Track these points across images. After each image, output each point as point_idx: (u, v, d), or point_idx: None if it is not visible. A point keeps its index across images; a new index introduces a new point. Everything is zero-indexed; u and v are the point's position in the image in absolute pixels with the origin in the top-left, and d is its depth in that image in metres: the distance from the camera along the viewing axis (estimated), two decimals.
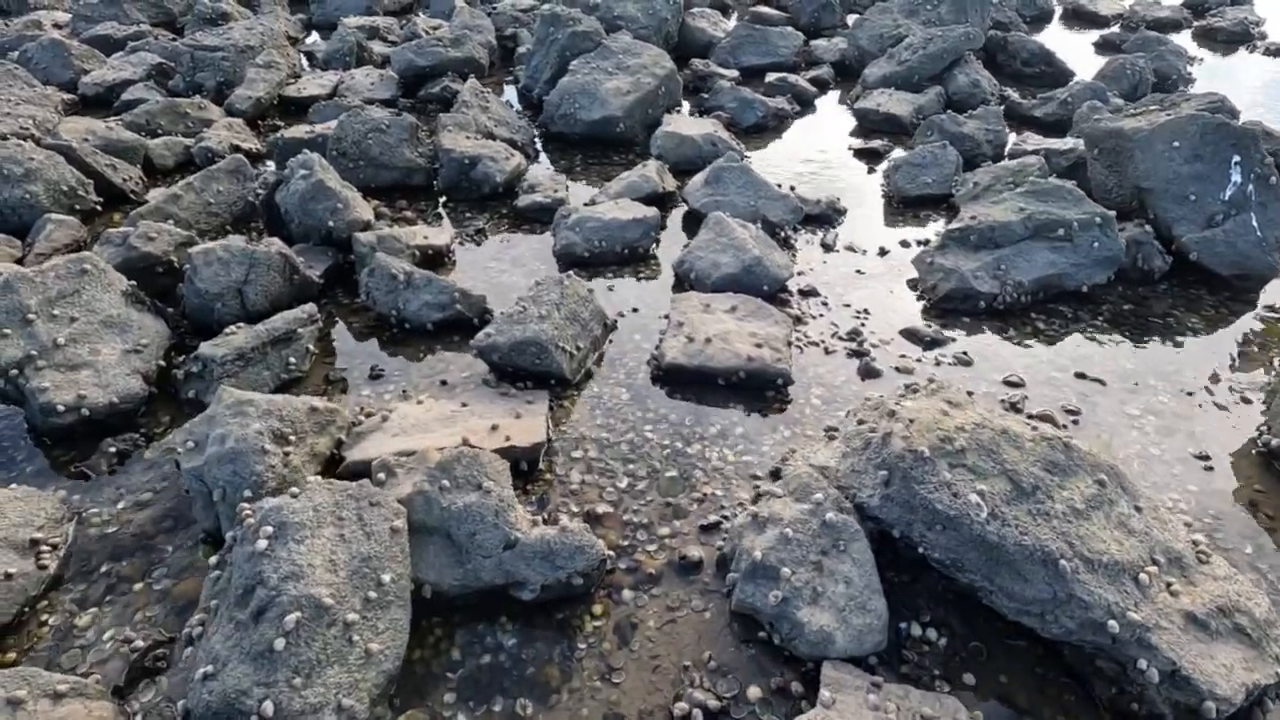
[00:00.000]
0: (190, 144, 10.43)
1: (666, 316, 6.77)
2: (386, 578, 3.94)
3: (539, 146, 11.02)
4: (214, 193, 8.54)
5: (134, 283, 6.58)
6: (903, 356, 6.56)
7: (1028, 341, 6.80)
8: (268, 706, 3.39)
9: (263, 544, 3.82)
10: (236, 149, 10.30)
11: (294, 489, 4.17)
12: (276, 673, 3.51)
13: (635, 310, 7.37)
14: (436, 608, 4.56)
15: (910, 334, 6.73)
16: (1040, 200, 7.25)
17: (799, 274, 7.81)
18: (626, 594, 4.58)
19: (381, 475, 4.43)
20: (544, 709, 3.97)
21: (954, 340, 6.80)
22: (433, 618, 4.43)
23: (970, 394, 5.50)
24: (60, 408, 5.57)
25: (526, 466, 5.37)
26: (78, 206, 8.78)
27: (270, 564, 3.77)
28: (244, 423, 4.82)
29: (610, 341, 6.85)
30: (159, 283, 7.20)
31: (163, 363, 6.31)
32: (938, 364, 6.53)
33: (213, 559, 4.25)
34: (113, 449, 5.74)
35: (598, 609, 4.49)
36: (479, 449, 4.59)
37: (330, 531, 3.98)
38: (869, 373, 6.23)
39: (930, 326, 6.87)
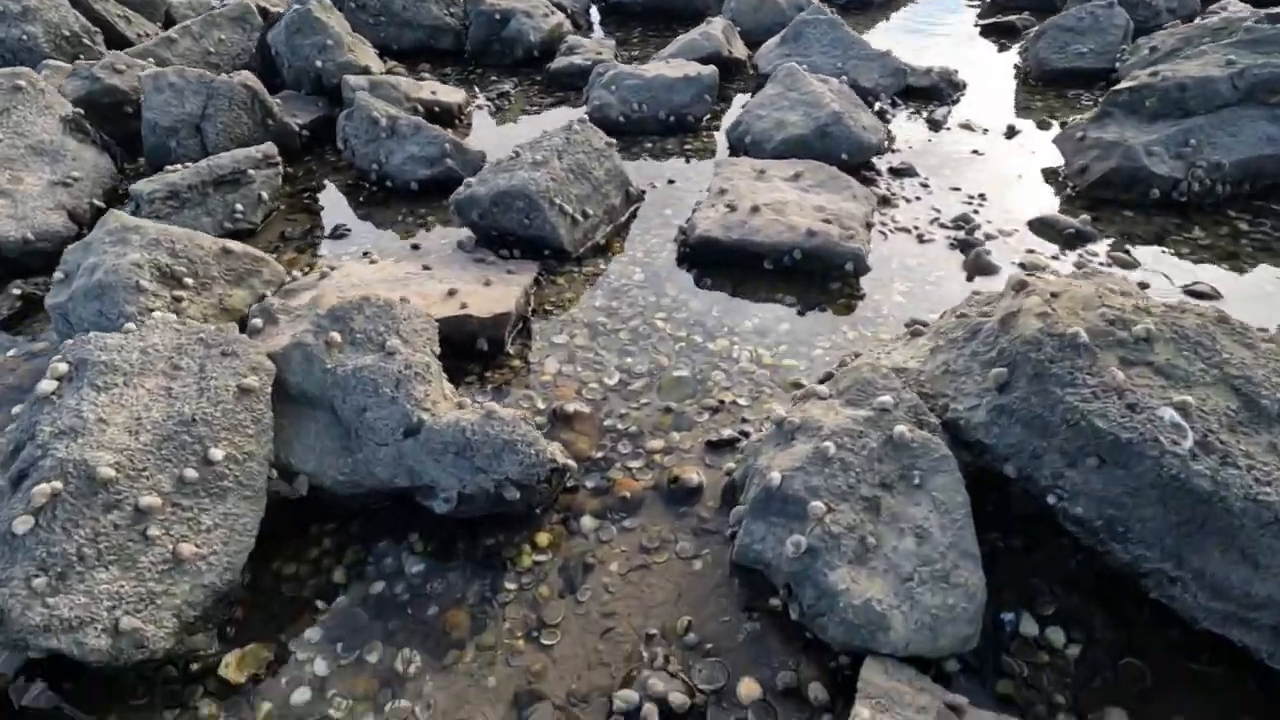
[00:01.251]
0: (217, 6, 9.58)
1: (709, 189, 5.23)
2: (217, 453, 2.74)
3: (593, 17, 9.49)
4: (215, 40, 7.53)
5: (80, 110, 5.64)
6: (1030, 253, 4.74)
7: (1223, 246, 4.82)
8: None
9: (49, 385, 2.69)
10: (264, 12, 9.35)
11: (131, 324, 3.02)
12: (13, 566, 2.39)
13: (671, 182, 5.83)
14: (321, 511, 3.30)
15: (1043, 226, 4.89)
16: (1259, 51, 5.11)
17: (893, 150, 6.04)
18: (586, 523, 3.23)
19: (258, 320, 3.21)
20: (433, 669, 2.73)
21: (1108, 238, 4.93)
22: (318, 525, 3.25)
23: (1145, 286, 3.73)
24: None
25: (488, 346, 4.06)
26: (82, 56, 8.03)
27: (50, 414, 2.64)
28: (122, 252, 3.71)
29: (633, 215, 5.40)
30: (127, 125, 6.27)
31: (101, 204, 5.36)
32: (1081, 266, 4.71)
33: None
34: (17, 291, 4.86)
35: (543, 538, 3.17)
36: (402, 301, 3.29)
37: (155, 383, 2.81)
38: (981, 268, 4.49)
39: (1074, 219, 5.00)
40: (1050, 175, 5.64)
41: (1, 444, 2.66)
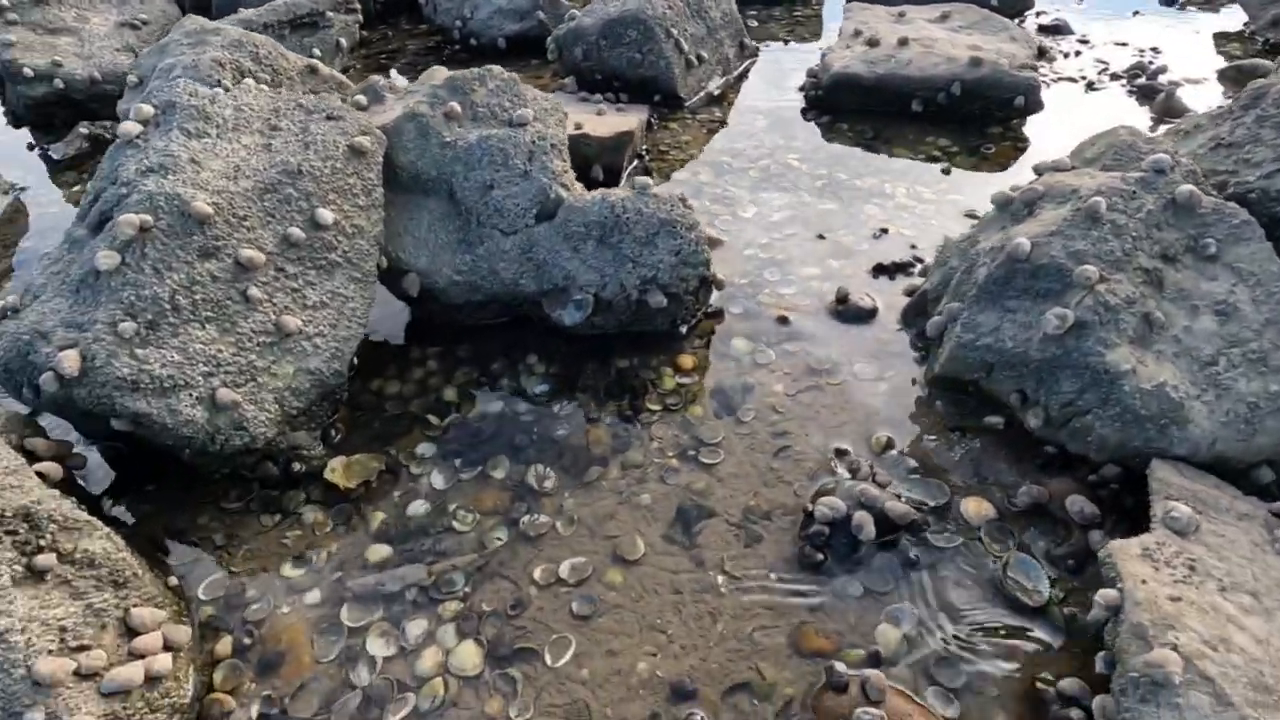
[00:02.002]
0: None
1: (839, 33, 4.64)
2: (326, 215, 2.32)
3: None
4: None
5: None
6: (1230, 96, 4.10)
7: None
8: (68, 358, 1.91)
9: (132, 128, 2.28)
10: None
11: (223, 85, 2.61)
12: (96, 309, 2.01)
13: (786, 42, 5.27)
14: (424, 331, 2.92)
15: (1240, 75, 4.22)
16: None
17: (1038, 14, 5.35)
18: (739, 345, 2.76)
19: (363, 98, 2.76)
20: (573, 485, 2.30)
21: None
22: (419, 348, 2.85)
23: None
24: (29, 73, 4.36)
25: (603, 176, 3.59)
26: None
27: (135, 155, 2.24)
28: (201, 51, 3.30)
29: (745, 73, 4.84)
30: None
31: None
32: None
33: None
34: (85, 131, 4.53)
35: (687, 361, 2.72)
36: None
37: (252, 140, 2.39)
38: (1172, 110, 3.84)
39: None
40: (1233, 33, 4.91)
41: (81, 206, 2.27)
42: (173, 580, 1.99)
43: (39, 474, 1.85)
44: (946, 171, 3.59)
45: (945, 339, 2.29)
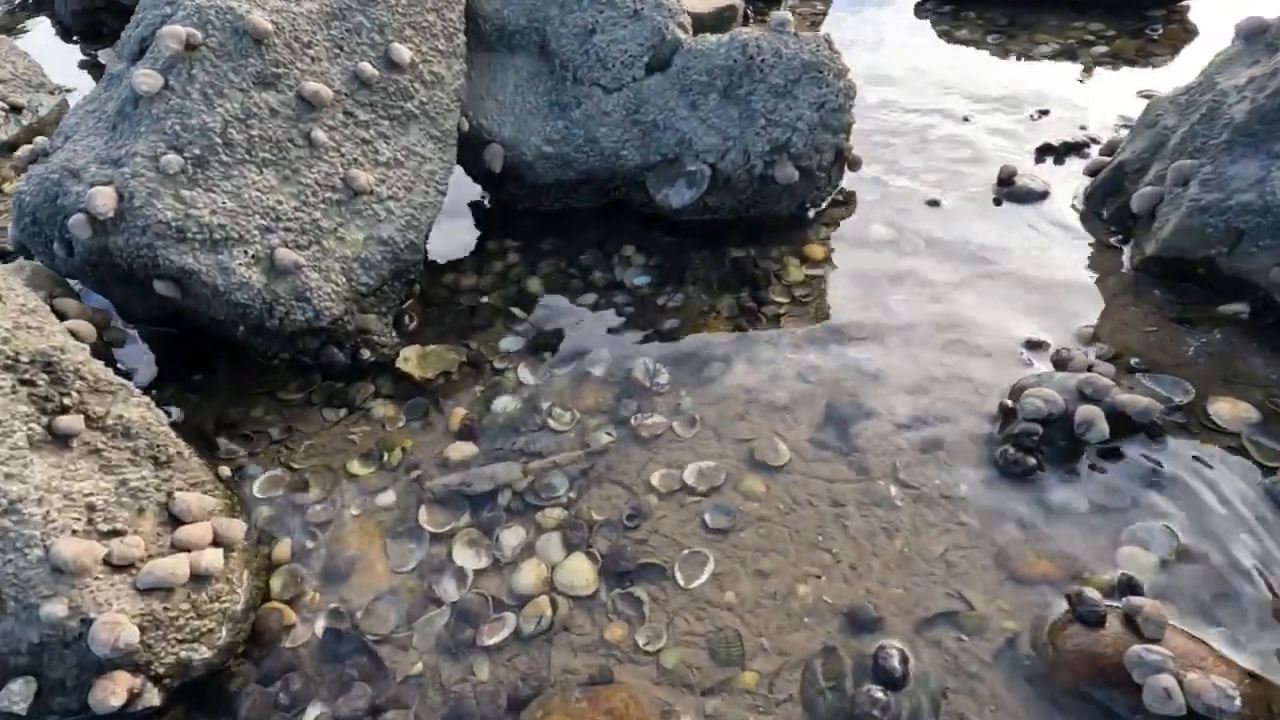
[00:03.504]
0: None
1: None
2: (403, 53, 1.95)
3: None
4: None
5: None
6: None
7: None
8: (102, 196, 1.55)
9: None
10: None
11: None
12: (135, 140, 1.68)
13: None
14: (507, 209, 2.51)
15: None
16: None
17: None
18: (879, 231, 2.32)
19: None
20: (691, 383, 1.90)
21: None
22: (497, 240, 2.47)
23: None
24: None
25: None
26: None
27: None
28: None
29: None
30: None
31: None
32: None
33: None
34: None
35: (816, 251, 2.30)
36: None
37: None
38: None
39: None
40: None
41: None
42: (224, 471, 1.69)
43: (71, 332, 1.54)
44: (1104, 56, 3.05)
45: (1163, 211, 1.82)
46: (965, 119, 2.69)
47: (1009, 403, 1.56)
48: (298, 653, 1.42)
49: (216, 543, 1.41)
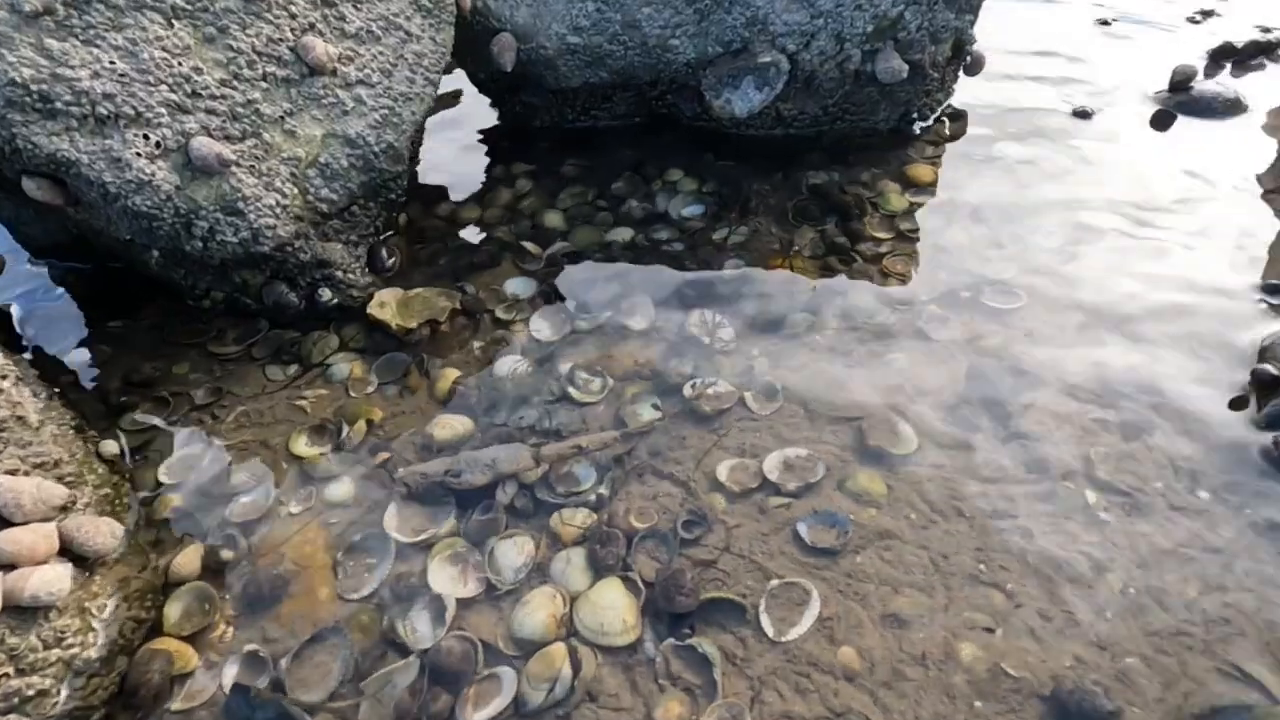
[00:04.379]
0: None
1: None
2: None
3: None
4: None
5: None
6: None
7: None
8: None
9: None
10: None
11: None
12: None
13: None
14: (520, 127, 2.03)
15: None
16: None
17: None
18: (1008, 150, 1.78)
19: None
20: (768, 338, 1.40)
21: None
22: (504, 165, 1.93)
23: None
24: None
25: None
26: None
27: None
28: None
29: None
30: None
31: None
32: None
33: None
34: None
35: (922, 173, 1.77)
36: None
37: None
38: None
39: None
40: None
41: None
42: (109, 447, 1.22)
43: None
44: None
45: None
46: (1104, 21, 2.13)
47: (1270, 369, 1.05)
48: None
49: (66, 553, 0.94)
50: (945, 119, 1.85)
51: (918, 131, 1.78)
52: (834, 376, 1.28)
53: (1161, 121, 1.74)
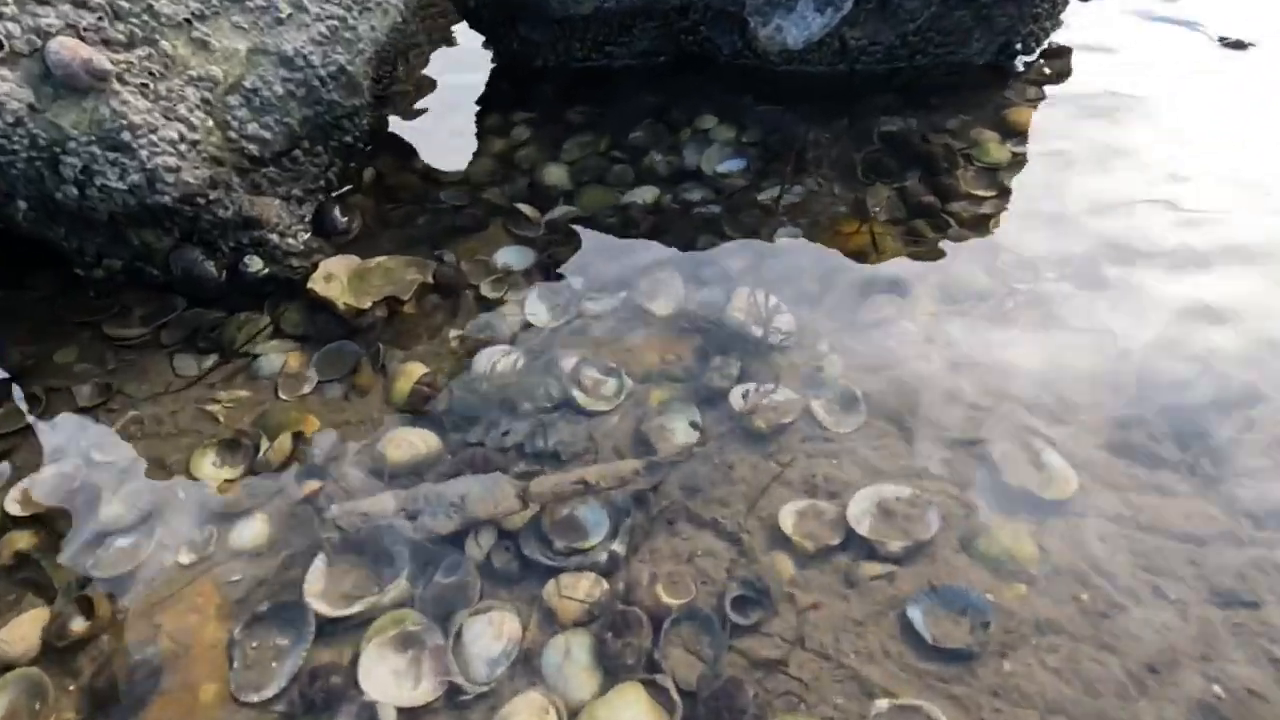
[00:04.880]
0: None
1: None
2: None
3: None
4: None
5: None
6: None
7: None
8: None
9: None
10: None
11: None
12: None
13: None
14: (519, 65, 1.64)
15: None
16: None
17: None
18: (1132, 86, 1.44)
19: None
20: (841, 327, 1.05)
21: None
22: (509, 100, 1.56)
23: None
24: None
25: None
26: None
27: None
28: None
29: None
30: None
31: None
32: None
33: None
34: None
35: (1021, 116, 1.42)
36: None
37: None
38: None
39: None
40: None
41: None
42: None
43: None
44: None
45: None
46: None
47: None
48: None
49: None
50: (1052, 54, 1.49)
51: (1020, 68, 1.42)
52: (937, 379, 0.93)
53: None
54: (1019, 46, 1.41)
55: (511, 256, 1.31)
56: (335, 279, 1.20)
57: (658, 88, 1.62)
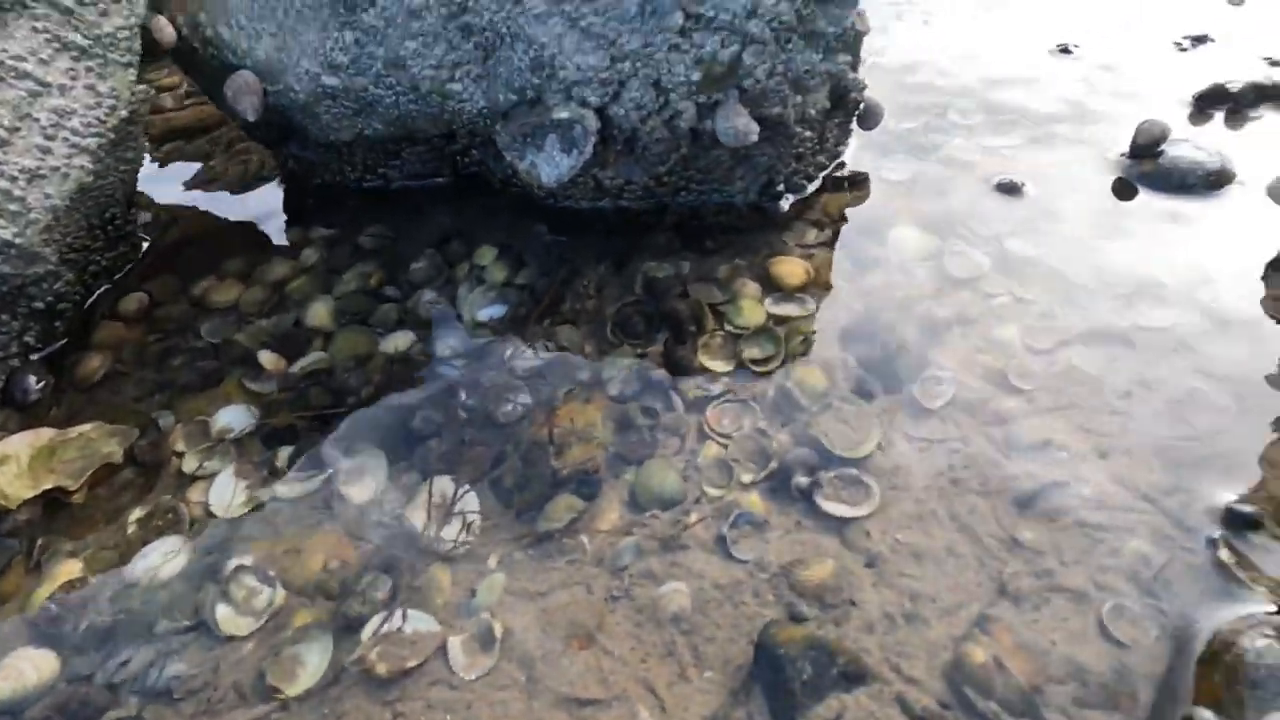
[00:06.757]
0: None
1: None
2: None
3: None
4: None
5: None
6: None
7: None
8: None
9: None
10: None
11: None
12: None
13: None
14: (306, 184, 1.55)
15: None
16: None
17: None
18: (904, 238, 1.32)
19: None
20: (505, 541, 1.00)
21: None
22: (318, 209, 1.48)
23: None
24: None
25: None
26: None
27: None
28: None
29: None
30: None
31: None
32: None
33: None
34: None
35: (791, 270, 1.30)
36: None
37: None
38: None
39: None
40: None
41: None
42: None
43: None
44: None
45: None
46: (1065, 49, 1.68)
47: None
48: None
49: None
50: (832, 188, 1.41)
51: (786, 208, 1.34)
52: (581, 622, 0.86)
53: (1114, 201, 1.29)
54: (781, 187, 1.33)
55: (233, 418, 1.23)
56: (10, 461, 1.14)
57: (454, 209, 1.54)
